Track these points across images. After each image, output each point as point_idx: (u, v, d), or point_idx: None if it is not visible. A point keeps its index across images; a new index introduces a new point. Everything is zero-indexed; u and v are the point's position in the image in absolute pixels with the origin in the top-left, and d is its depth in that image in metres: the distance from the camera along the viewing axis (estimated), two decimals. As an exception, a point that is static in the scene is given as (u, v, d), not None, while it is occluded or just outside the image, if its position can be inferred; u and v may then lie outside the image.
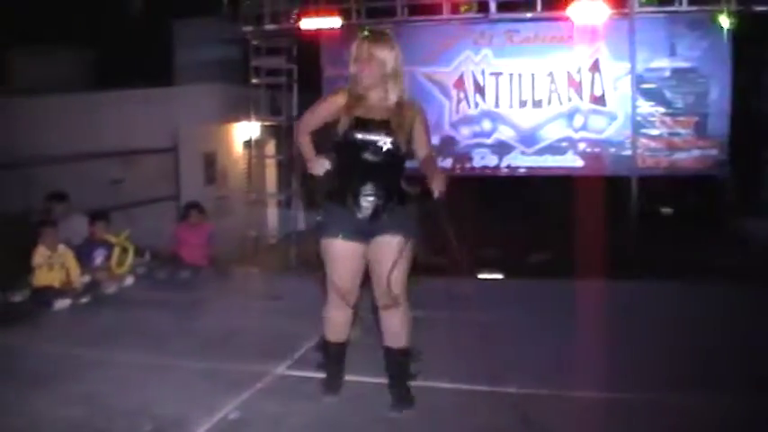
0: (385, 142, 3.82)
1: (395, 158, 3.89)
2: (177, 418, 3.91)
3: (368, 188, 3.85)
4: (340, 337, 4.13)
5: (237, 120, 12.47)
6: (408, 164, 3.99)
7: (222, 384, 4.43)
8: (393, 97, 3.90)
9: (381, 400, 4.05)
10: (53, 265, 6.72)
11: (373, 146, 3.82)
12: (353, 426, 3.88)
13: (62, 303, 6.48)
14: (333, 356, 4.18)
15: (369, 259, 3.94)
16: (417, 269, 4.07)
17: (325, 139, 3.99)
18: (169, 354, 5.08)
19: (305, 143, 4.04)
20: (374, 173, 3.86)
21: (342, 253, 3.91)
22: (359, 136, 3.83)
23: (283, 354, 4.99)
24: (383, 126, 3.84)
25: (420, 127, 3.96)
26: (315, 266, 10.13)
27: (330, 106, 3.95)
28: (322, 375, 4.24)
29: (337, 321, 4.08)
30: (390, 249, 3.85)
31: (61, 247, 6.85)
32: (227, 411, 4.01)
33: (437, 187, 3.79)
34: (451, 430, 3.89)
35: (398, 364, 4.04)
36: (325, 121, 3.96)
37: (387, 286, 3.86)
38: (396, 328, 3.98)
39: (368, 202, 3.85)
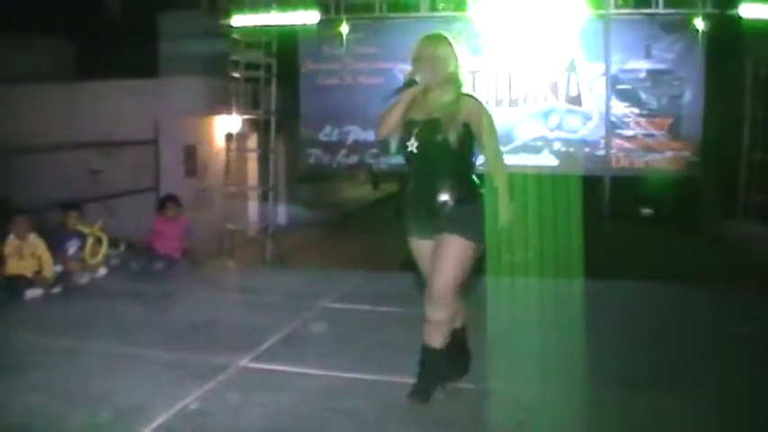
0: (434, 142, 3.78)
1: (449, 157, 3.82)
2: (137, 407, 3.97)
3: (429, 189, 3.84)
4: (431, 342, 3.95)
5: (219, 113, 12.50)
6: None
7: (185, 375, 4.49)
8: (450, 94, 3.86)
9: (343, 393, 4.15)
10: (24, 254, 6.74)
11: (424, 147, 3.81)
12: (311, 417, 3.92)
13: (33, 293, 6.52)
14: (426, 361, 4.00)
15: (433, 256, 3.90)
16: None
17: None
18: (136, 344, 5.14)
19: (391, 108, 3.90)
20: (432, 173, 3.85)
21: (418, 252, 4.02)
22: (405, 137, 3.86)
23: (249, 346, 5.04)
24: (428, 125, 3.82)
25: (478, 122, 3.82)
26: (288, 260, 10.22)
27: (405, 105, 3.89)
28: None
29: (436, 321, 3.92)
30: (447, 249, 3.80)
31: (32, 237, 6.85)
32: (187, 402, 4.06)
33: (503, 219, 3.83)
34: (411, 423, 3.89)
35: (428, 363, 3.98)
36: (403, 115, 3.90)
37: (434, 285, 3.83)
38: (432, 326, 3.91)
39: (431, 201, 3.82)
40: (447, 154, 3.80)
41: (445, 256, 3.80)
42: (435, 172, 3.84)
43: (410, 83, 3.83)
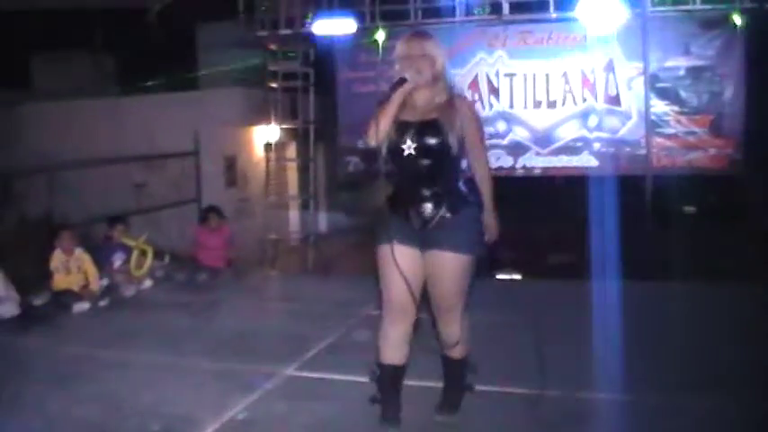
0: (434, 145, 3.57)
1: (446, 161, 3.62)
2: (186, 417, 4.02)
3: (420, 196, 3.62)
4: (395, 359, 3.73)
5: (257, 123, 12.62)
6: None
7: (233, 385, 4.52)
8: (442, 95, 3.67)
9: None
10: (70, 268, 6.85)
11: (423, 150, 3.57)
12: (361, 427, 3.90)
13: (81, 306, 6.61)
14: (386, 381, 3.77)
15: (425, 272, 3.67)
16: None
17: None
18: (183, 355, 5.20)
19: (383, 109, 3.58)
20: (424, 178, 3.63)
21: (398, 258, 3.60)
22: (407, 138, 3.59)
23: (294, 355, 5.07)
24: (424, 128, 3.59)
25: (469, 125, 3.65)
26: (332, 268, 10.27)
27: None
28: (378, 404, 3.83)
29: (392, 339, 3.71)
30: (444, 268, 3.62)
31: (78, 251, 6.95)
32: (235, 411, 4.10)
33: (488, 234, 3.71)
34: (457, 427, 3.89)
35: (454, 373, 3.93)
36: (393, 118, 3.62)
37: (441, 304, 3.71)
38: (452, 339, 3.77)
39: (419, 209, 3.61)
40: (444, 158, 3.61)
41: (447, 276, 3.62)
42: (429, 177, 3.61)
43: (401, 81, 3.57)
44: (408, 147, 3.59)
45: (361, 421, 3.94)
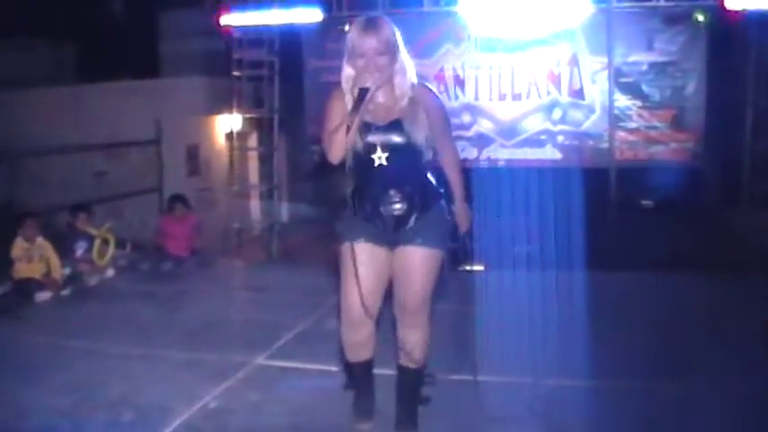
0: (393, 147, 3.42)
1: (414, 159, 3.48)
2: (158, 407, 4.00)
3: (389, 196, 3.46)
4: (361, 356, 3.69)
5: (220, 112, 12.51)
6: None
7: (204, 374, 4.53)
8: (404, 90, 3.45)
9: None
10: (32, 257, 6.75)
11: (382, 152, 3.41)
12: (334, 415, 3.89)
13: (43, 295, 6.54)
14: (359, 377, 3.78)
15: (392, 270, 3.57)
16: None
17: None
18: (152, 345, 5.16)
19: (340, 131, 3.33)
20: (393, 179, 3.46)
21: (362, 257, 3.48)
22: (371, 139, 3.42)
23: (264, 344, 5.08)
24: (391, 128, 3.42)
25: (435, 117, 3.51)
26: (296, 257, 10.21)
27: (338, 114, 3.43)
28: (352, 398, 3.85)
29: (355, 341, 3.64)
30: (413, 263, 3.49)
31: (40, 240, 6.85)
32: (207, 400, 4.10)
33: (461, 226, 3.63)
34: (434, 416, 3.87)
35: (409, 386, 3.73)
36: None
37: (406, 303, 3.55)
38: (410, 347, 3.62)
39: (390, 210, 3.47)
40: (411, 157, 3.47)
41: (415, 271, 3.49)
42: (398, 178, 3.46)
43: (362, 93, 3.30)
44: (375, 150, 3.43)
45: (334, 409, 3.95)
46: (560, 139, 10.43)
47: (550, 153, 10.45)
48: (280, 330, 5.38)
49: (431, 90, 3.63)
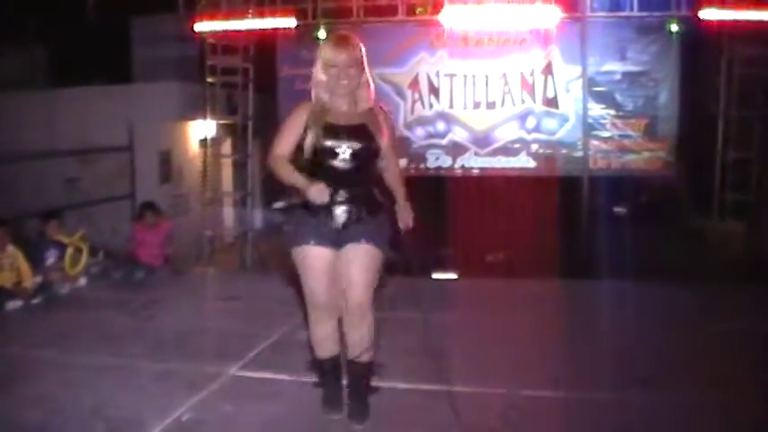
0: (357, 149, 3.68)
1: (367, 165, 3.78)
2: (130, 419, 3.94)
3: (340, 197, 3.70)
4: (328, 352, 3.97)
5: (194, 118, 12.44)
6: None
7: (176, 385, 4.46)
8: (365, 102, 3.80)
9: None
10: (3, 266, 6.69)
11: (345, 153, 3.67)
12: (308, 426, 3.90)
13: (14, 304, 6.47)
14: (328, 372, 4.01)
15: (339, 267, 3.76)
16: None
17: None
18: (123, 355, 5.08)
19: (289, 173, 3.70)
20: (346, 181, 3.70)
21: (315, 261, 3.74)
22: (329, 143, 3.65)
23: (238, 354, 5.03)
24: (355, 132, 3.71)
25: (386, 131, 3.83)
26: (270, 266, 10.16)
27: (297, 124, 3.72)
28: (321, 392, 4.05)
29: (324, 336, 3.91)
30: (357, 259, 3.70)
31: (10, 248, 6.79)
32: (180, 412, 4.04)
33: (403, 223, 3.91)
34: (403, 426, 3.91)
35: (360, 378, 3.91)
36: (296, 142, 3.72)
37: (351, 298, 3.72)
38: (358, 340, 3.79)
39: (340, 210, 3.71)
40: (369, 161, 3.80)
41: (362, 265, 3.71)
42: (352, 180, 3.73)
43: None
44: (343, 152, 3.69)
45: (308, 420, 3.95)
46: (534, 147, 10.50)
47: (525, 161, 10.50)
48: (254, 340, 5.34)
49: (385, 108, 3.98)
